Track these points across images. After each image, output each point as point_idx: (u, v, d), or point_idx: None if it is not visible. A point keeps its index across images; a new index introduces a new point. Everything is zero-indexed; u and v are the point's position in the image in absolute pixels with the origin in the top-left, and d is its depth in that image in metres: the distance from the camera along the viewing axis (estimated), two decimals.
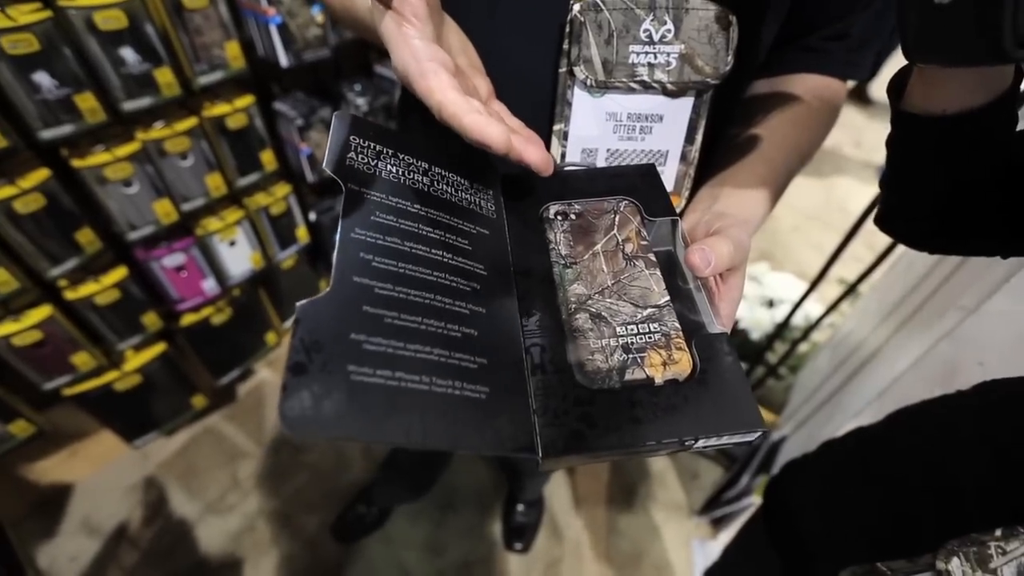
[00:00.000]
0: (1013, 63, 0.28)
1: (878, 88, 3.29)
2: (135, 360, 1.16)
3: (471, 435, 0.26)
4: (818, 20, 0.45)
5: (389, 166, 0.33)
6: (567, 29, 0.38)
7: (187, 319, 1.23)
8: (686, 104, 0.42)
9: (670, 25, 0.38)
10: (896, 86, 0.37)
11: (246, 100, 1.09)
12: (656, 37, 0.38)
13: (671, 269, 0.35)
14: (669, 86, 0.40)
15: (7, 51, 0.78)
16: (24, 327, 0.94)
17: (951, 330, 0.70)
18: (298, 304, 0.25)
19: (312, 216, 1.42)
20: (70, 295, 0.99)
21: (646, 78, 0.39)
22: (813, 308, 1.51)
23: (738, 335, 1.43)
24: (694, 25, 0.38)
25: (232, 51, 1.02)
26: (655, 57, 0.39)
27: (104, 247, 1.01)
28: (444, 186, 0.35)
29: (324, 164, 0.31)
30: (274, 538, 1.26)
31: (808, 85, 0.48)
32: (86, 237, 0.97)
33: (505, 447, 0.26)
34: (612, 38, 0.38)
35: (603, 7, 0.37)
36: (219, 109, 1.06)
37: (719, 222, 0.36)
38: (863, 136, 3.02)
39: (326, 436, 0.22)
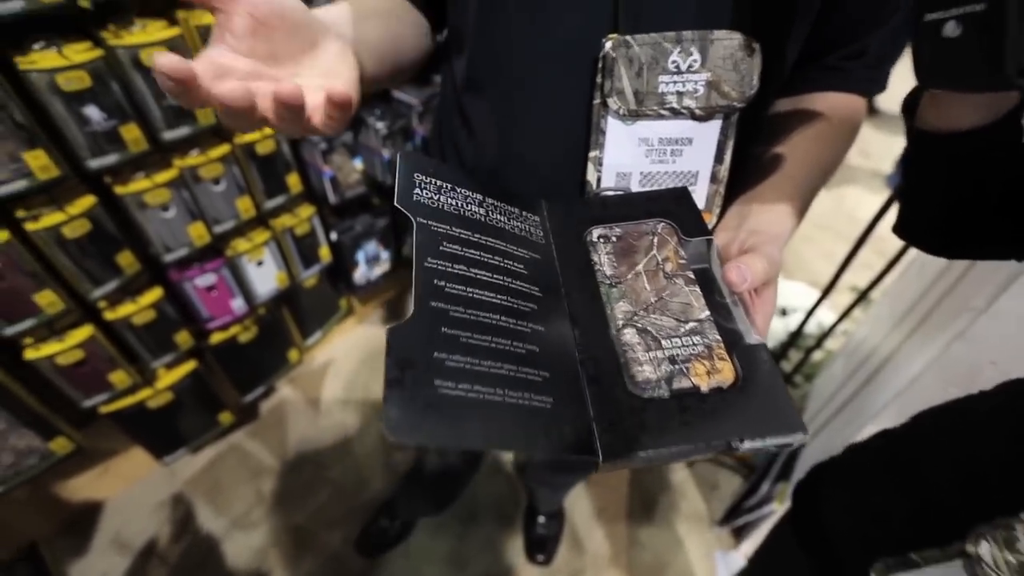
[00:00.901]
0: (1015, 89, 0.32)
1: (885, 99, 3.34)
2: (167, 378, 1.19)
3: (540, 440, 0.29)
4: (837, 40, 0.48)
5: (450, 199, 0.37)
6: (600, 64, 0.42)
7: (216, 337, 1.27)
8: (714, 127, 0.45)
9: (696, 56, 0.42)
10: (909, 105, 0.40)
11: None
12: (684, 67, 0.42)
13: (708, 285, 0.38)
14: (697, 111, 0.44)
15: (62, 88, 0.83)
16: (67, 347, 0.98)
17: (963, 331, 0.72)
18: (388, 328, 0.29)
19: (333, 236, 1.46)
20: (109, 315, 1.03)
21: (675, 105, 0.43)
22: (826, 316, 1.54)
23: None
24: (719, 54, 0.42)
25: None
26: (683, 86, 0.42)
27: (142, 269, 1.06)
28: (498, 215, 0.39)
29: (395, 200, 0.35)
30: (299, 553, 1.28)
31: (829, 103, 0.51)
32: (126, 260, 1.02)
33: (570, 451, 0.30)
34: (643, 70, 0.42)
35: (633, 43, 0.41)
36: (250, 136, 1.11)
37: (752, 239, 0.40)
38: (870, 146, 3.07)
39: (419, 442, 0.26)
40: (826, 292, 1.17)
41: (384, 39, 0.46)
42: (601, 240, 0.41)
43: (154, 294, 1.09)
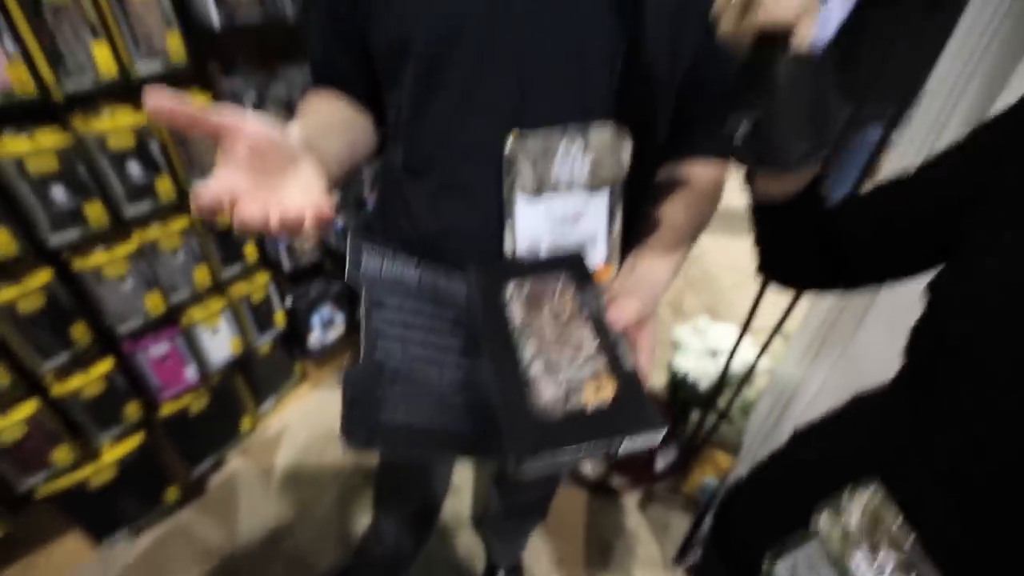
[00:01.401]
0: (791, 171, 0.45)
1: None
2: (112, 453, 1.17)
3: (465, 450, 0.39)
4: (699, 117, 0.61)
5: (390, 266, 0.47)
6: (505, 154, 0.53)
7: (167, 408, 1.26)
8: (603, 198, 0.57)
9: (580, 143, 0.54)
10: (748, 178, 0.54)
11: None
12: (571, 153, 0.54)
13: (599, 325, 0.48)
14: (587, 187, 0.56)
15: (29, 171, 0.89)
16: (9, 423, 0.97)
17: (839, 355, 0.86)
18: (343, 371, 0.40)
19: (289, 302, 1.51)
20: (57, 390, 1.03)
21: (569, 184, 0.55)
22: (753, 355, 1.68)
23: (687, 388, 1.56)
24: (598, 141, 0.54)
25: None
26: (572, 168, 0.55)
27: (94, 340, 1.07)
28: (432, 278, 0.49)
29: (346, 275, 0.44)
30: None
31: (696, 169, 0.64)
32: (79, 332, 1.04)
33: (492, 456, 0.38)
34: (539, 159, 0.54)
35: (529, 138, 0.53)
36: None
37: (633, 286, 0.51)
38: None
39: (369, 449, 0.36)
40: (744, 331, 1.31)
41: (343, 148, 0.57)
42: (514, 293, 0.51)
43: (105, 365, 1.10)
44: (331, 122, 0.60)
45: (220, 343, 1.32)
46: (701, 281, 2.59)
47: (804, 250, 0.55)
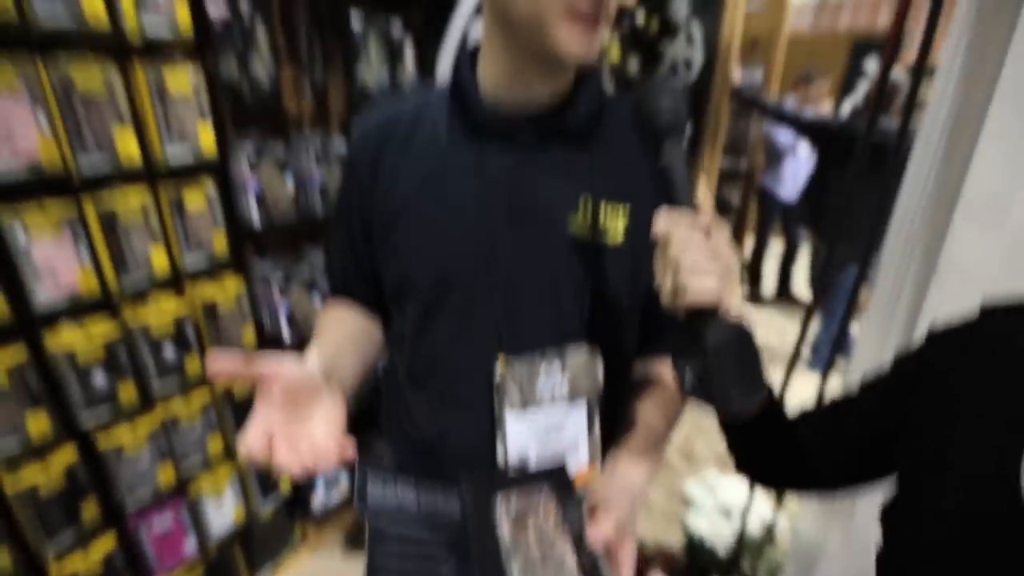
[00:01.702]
0: (742, 411, 0.51)
1: (798, 285, 3.92)
2: None
3: None
4: (665, 322, 0.66)
5: (392, 492, 0.53)
6: (496, 378, 0.61)
7: None
8: (582, 407, 0.64)
9: (558, 363, 0.62)
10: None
11: None
12: (551, 374, 0.62)
13: (579, 542, 0.52)
14: (567, 400, 0.63)
15: (78, 360, 1.00)
16: None
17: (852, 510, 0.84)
18: None
19: None
20: (56, 574, 1.03)
21: (550, 399, 0.62)
22: (767, 509, 1.61)
23: (705, 554, 1.48)
24: (574, 361, 0.62)
25: (248, 337, 1.28)
26: (553, 385, 0.62)
27: (101, 515, 1.09)
28: (426, 496, 0.55)
29: (355, 501, 0.50)
30: None
31: (667, 368, 0.70)
32: (89, 510, 1.06)
33: None
34: (524, 380, 0.61)
35: (515, 363, 0.61)
36: (231, 383, 1.27)
37: (612, 494, 0.55)
38: (786, 329, 3.46)
39: None
40: (752, 491, 1.28)
41: (357, 363, 0.67)
42: (503, 509, 0.55)
43: (107, 542, 1.10)
44: (346, 339, 0.70)
45: (223, 512, 1.32)
46: (710, 427, 2.56)
47: (770, 459, 0.59)
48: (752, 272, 4.11)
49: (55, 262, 0.93)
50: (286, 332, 1.33)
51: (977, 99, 0.77)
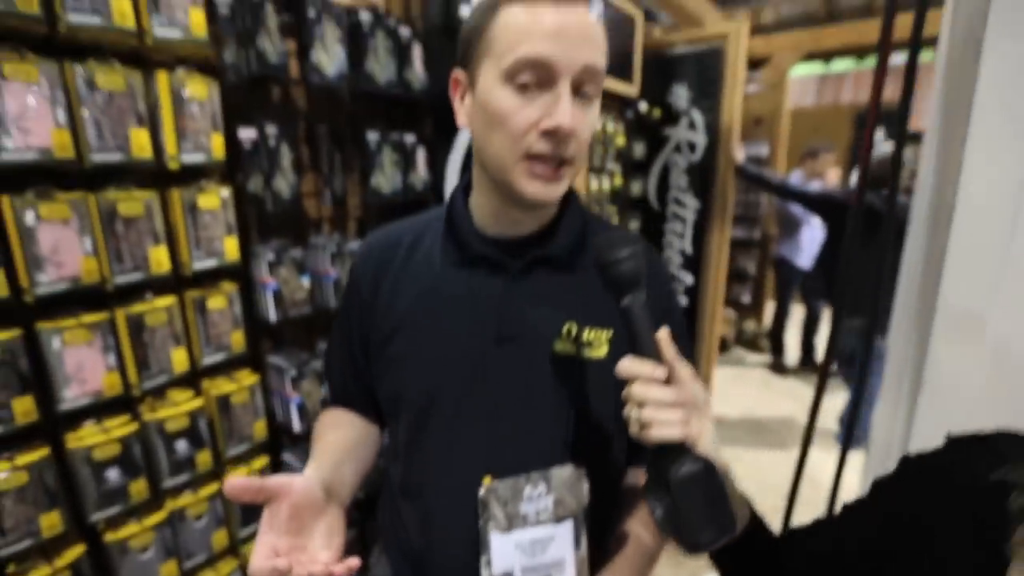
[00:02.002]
0: (705, 551, 0.51)
1: (821, 354, 3.81)
2: None
3: None
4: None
5: None
6: (479, 502, 0.63)
7: None
8: (568, 527, 0.65)
9: (543, 486, 0.64)
10: None
11: (262, 462, 1.34)
12: (535, 495, 0.63)
13: None
14: (551, 521, 0.63)
15: (94, 457, 1.04)
16: None
17: None
18: None
19: None
20: None
21: (535, 519, 0.63)
22: None
23: None
24: (559, 481, 0.64)
25: (259, 429, 1.32)
26: (537, 506, 0.63)
27: None
28: None
29: None
30: None
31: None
32: None
33: None
34: (508, 501, 0.63)
35: (498, 484, 0.63)
36: (241, 471, 1.30)
37: None
38: (810, 403, 3.33)
39: None
40: None
41: (355, 472, 0.70)
42: None
43: None
44: (345, 449, 0.73)
45: None
46: None
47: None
48: (774, 341, 4.04)
49: (84, 365, 1.01)
50: (297, 423, 1.37)
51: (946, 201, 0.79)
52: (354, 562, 0.52)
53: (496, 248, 0.66)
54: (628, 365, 0.51)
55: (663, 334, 0.52)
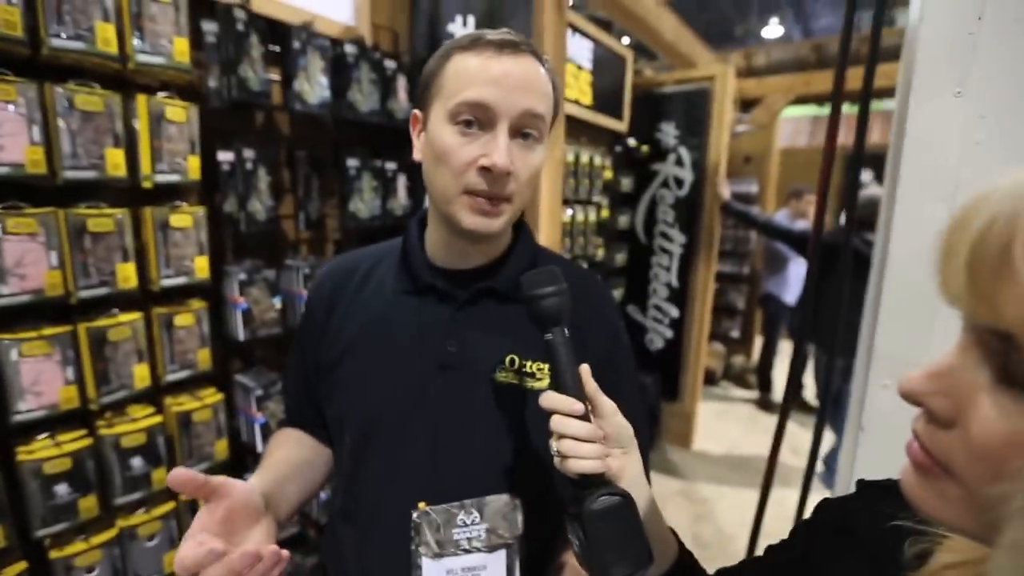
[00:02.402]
0: None
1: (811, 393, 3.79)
2: None
3: None
4: None
5: None
6: (412, 526, 0.63)
7: None
8: (501, 555, 0.64)
9: (476, 514, 0.63)
10: None
11: None
12: (468, 522, 0.63)
13: None
14: (484, 549, 0.63)
15: (44, 472, 1.03)
16: None
17: None
18: None
19: None
20: None
21: (467, 547, 0.63)
22: None
23: None
24: (493, 510, 0.64)
25: (220, 449, 1.31)
26: (470, 534, 0.63)
27: None
28: None
29: None
30: None
31: None
32: None
33: None
34: (441, 527, 0.63)
35: (431, 510, 0.63)
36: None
37: None
38: (802, 444, 3.29)
39: None
40: None
41: (300, 492, 0.71)
42: None
43: None
44: (291, 467, 0.72)
45: None
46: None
47: None
48: (761, 377, 4.02)
49: (41, 378, 1.01)
50: (260, 444, 1.35)
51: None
52: (284, 553, 0.52)
53: (444, 278, 0.68)
54: (548, 398, 0.52)
55: (584, 369, 0.53)
